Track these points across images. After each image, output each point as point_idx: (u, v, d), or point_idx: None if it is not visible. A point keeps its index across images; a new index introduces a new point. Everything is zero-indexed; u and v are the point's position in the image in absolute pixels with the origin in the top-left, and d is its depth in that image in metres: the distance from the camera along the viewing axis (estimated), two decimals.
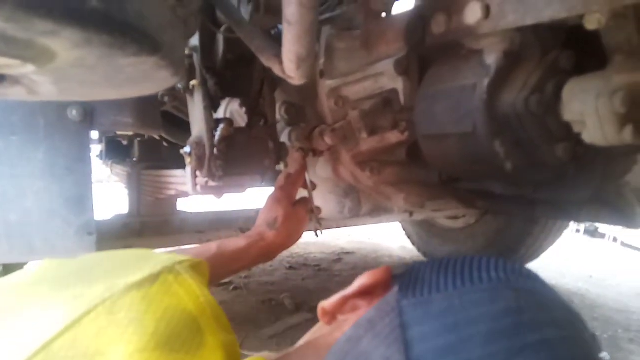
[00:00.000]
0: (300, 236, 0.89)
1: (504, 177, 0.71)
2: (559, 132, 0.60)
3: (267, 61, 0.65)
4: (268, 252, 0.81)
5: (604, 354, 1.44)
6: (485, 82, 0.61)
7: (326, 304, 0.40)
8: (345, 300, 0.39)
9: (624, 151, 0.66)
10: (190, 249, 0.74)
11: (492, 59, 0.61)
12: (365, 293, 0.39)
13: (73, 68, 0.49)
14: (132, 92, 0.64)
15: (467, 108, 0.62)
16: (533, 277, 0.37)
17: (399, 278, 0.39)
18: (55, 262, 0.41)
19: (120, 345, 0.29)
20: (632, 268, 2.57)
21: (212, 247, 0.73)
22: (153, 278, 0.34)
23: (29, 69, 0.46)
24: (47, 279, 0.37)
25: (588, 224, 3.35)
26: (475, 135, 0.62)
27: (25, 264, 1.11)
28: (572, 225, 3.29)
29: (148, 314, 0.31)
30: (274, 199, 0.85)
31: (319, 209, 0.96)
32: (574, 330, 0.32)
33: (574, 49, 0.61)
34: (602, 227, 3.31)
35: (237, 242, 0.76)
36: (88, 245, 0.97)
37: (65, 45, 0.43)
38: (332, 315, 0.41)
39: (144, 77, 0.55)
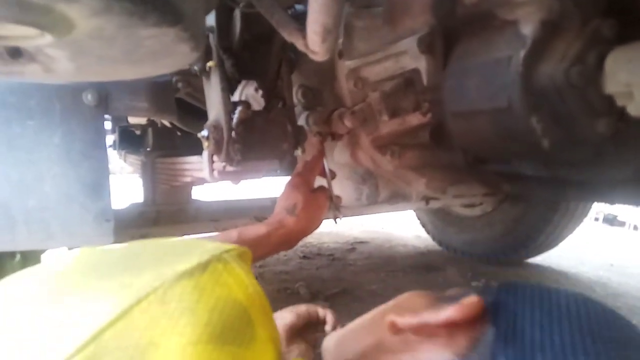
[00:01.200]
0: (320, 223, 0.87)
1: (539, 156, 0.67)
2: (601, 106, 0.57)
3: (289, 36, 0.62)
4: (288, 239, 0.79)
5: None
6: (522, 54, 0.57)
7: (400, 321, 0.38)
8: (425, 326, 0.37)
9: None
10: (211, 237, 0.72)
11: (528, 29, 0.58)
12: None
13: (91, 40, 0.47)
14: (151, 70, 0.61)
15: (501, 82, 0.59)
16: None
17: (492, 313, 0.36)
18: (95, 250, 0.39)
19: (173, 336, 0.28)
20: None
21: (232, 234, 0.72)
22: (202, 267, 0.33)
23: (46, 39, 0.43)
24: (91, 268, 0.36)
25: (607, 212, 3.29)
26: (510, 110, 0.59)
27: (43, 251, 1.11)
28: (591, 214, 3.23)
29: (200, 304, 0.30)
30: (292, 186, 0.84)
31: (339, 198, 0.94)
32: None
33: (616, 18, 0.58)
34: (622, 215, 3.25)
35: (257, 229, 0.75)
36: (106, 231, 0.96)
37: (83, 12, 0.40)
38: (404, 332, 0.38)
39: (163, 51, 0.52)
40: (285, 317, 0.83)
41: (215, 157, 0.95)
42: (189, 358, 0.27)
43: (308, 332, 0.80)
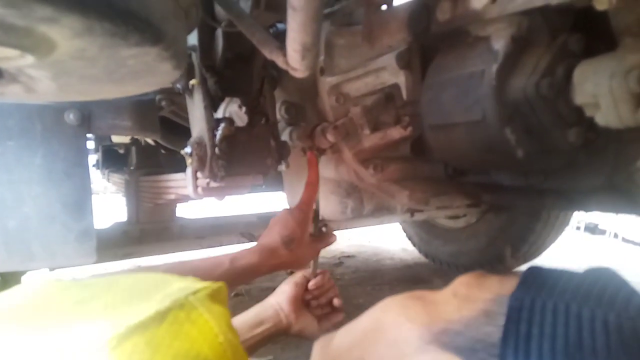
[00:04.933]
0: (304, 266, 0.90)
1: (514, 166, 0.69)
2: (571, 117, 0.59)
3: (269, 54, 0.63)
4: (274, 269, 0.80)
5: None
6: (494, 68, 0.60)
7: None
8: None
9: (636, 136, 0.65)
10: (202, 262, 0.71)
11: (499, 44, 0.60)
12: None
13: (73, 60, 0.47)
14: (133, 88, 0.62)
15: (476, 95, 0.61)
16: None
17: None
18: (59, 285, 0.35)
19: None
20: (635, 263, 2.57)
21: (224, 262, 0.72)
22: (160, 317, 0.28)
23: (28, 60, 0.44)
24: (37, 310, 0.31)
25: (588, 221, 3.35)
26: (485, 122, 0.61)
27: (24, 272, 1.09)
28: (573, 223, 3.29)
29: None
30: (293, 217, 0.83)
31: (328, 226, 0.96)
32: None
33: (582, 33, 0.60)
34: (603, 224, 3.31)
35: (250, 258, 0.75)
36: (88, 251, 0.95)
37: (65, 33, 0.41)
38: None
39: (145, 70, 0.53)
40: (285, 291, 0.85)
41: (199, 174, 0.95)
42: None
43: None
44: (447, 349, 0.32)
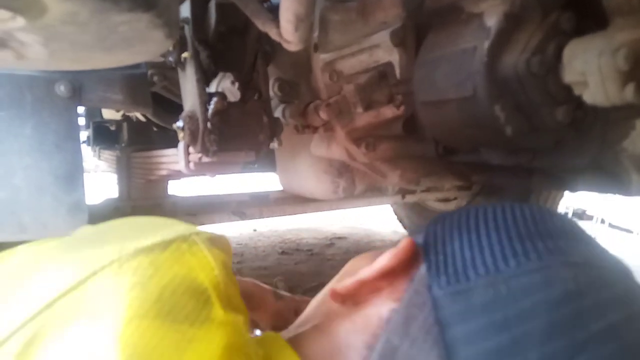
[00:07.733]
0: None
1: (503, 144, 0.70)
2: (560, 95, 0.60)
3: (263, 25, 0.63)
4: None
5: None
6: (486, 44, 0.60)
7: (339, 288, 0.36)
8: (363, 284, 0.35)
9: (622, 116, 0.66)
10: None
11: (492, 21, 0.61)
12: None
13: (64, 25, 0.47)
14: (125, 57, 0.62)
15: (467, 72, 0.61)
16: (583, 238, 0.34)
17: (423, 249, 0.35)
18: (86, 227, 0.41)
19: (121, 310, 0.28)
20: (621, 249, 2.62)
21: None
22: (165, 244, 0.33)
23: (19, 23, 0.44)
24: (71, 242, 0.37)
25: (576, 207, 3.39)
26: (475, 99, 0.61)
27: (16, 243, 1.09)
28: (561, 208, 3.33)
29: (153, 279, 0.30)
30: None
31: None
32: (635, 304, 0.29)
33: (573, 11, 0.61)
34: (590, 209, 3.36)
35: None
36: (79, 223, 0.95)
37: None
38: (347, 298, 0.37)
39: (137, 37, 0.53)
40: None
41: (191, 149, 0.95)
42: (134, 331, 0.27)
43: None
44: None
